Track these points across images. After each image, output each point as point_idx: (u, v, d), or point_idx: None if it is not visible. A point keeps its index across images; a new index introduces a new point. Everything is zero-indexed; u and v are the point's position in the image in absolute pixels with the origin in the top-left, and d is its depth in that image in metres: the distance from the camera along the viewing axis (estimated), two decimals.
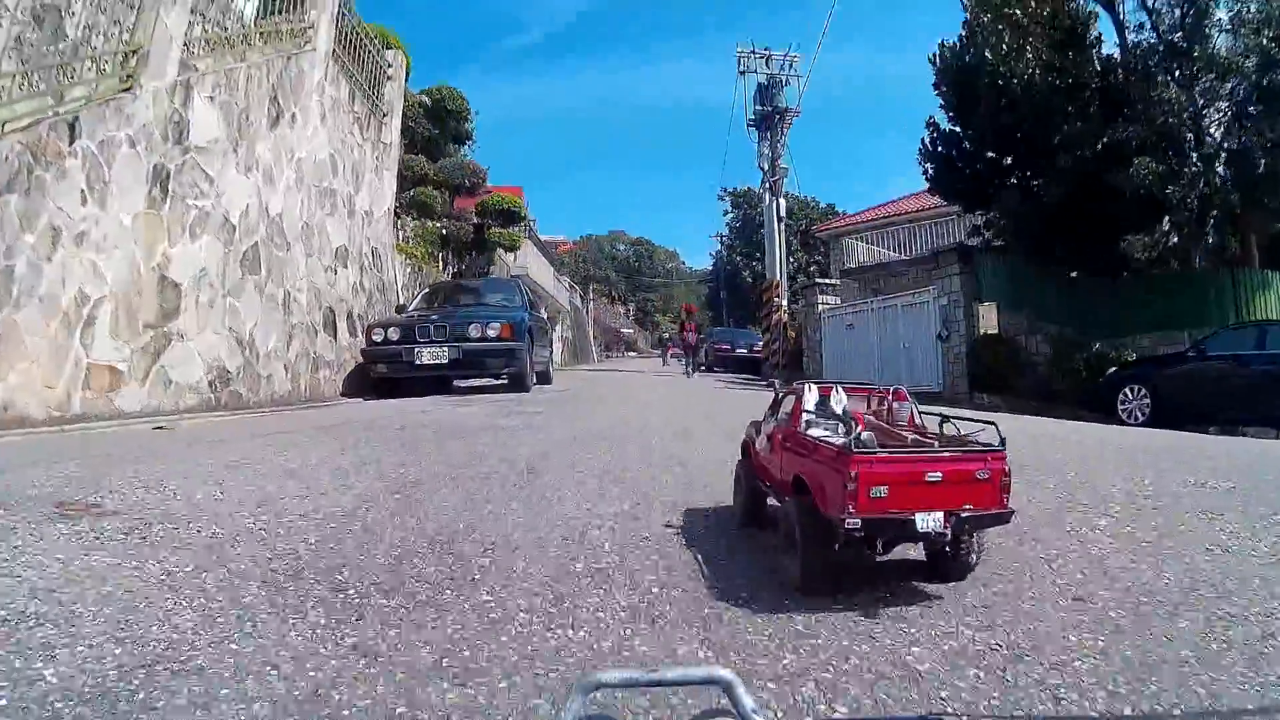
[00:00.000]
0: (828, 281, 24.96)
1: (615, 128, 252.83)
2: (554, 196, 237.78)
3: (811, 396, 3.43)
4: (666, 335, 62.79)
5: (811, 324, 24.36)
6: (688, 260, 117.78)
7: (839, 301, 24.58)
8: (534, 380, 14.33)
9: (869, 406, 3.62)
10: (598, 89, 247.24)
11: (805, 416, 3.31)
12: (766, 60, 27.50)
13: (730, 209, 64.93)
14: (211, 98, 9.21)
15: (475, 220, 25.74)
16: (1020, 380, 17.60)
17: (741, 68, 27.61)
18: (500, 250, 26.76)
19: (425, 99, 23.99)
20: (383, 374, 13.05)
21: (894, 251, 28.68)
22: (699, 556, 3.33)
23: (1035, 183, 18.08)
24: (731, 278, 62.60)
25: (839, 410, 3.36)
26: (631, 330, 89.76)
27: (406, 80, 18.12)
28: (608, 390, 15.45)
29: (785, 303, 26.36)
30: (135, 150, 7.75)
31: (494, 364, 13.39)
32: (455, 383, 15.05)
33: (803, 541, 2.78)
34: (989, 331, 18.07)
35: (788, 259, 27.63)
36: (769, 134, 27.33)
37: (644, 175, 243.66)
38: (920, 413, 3.41)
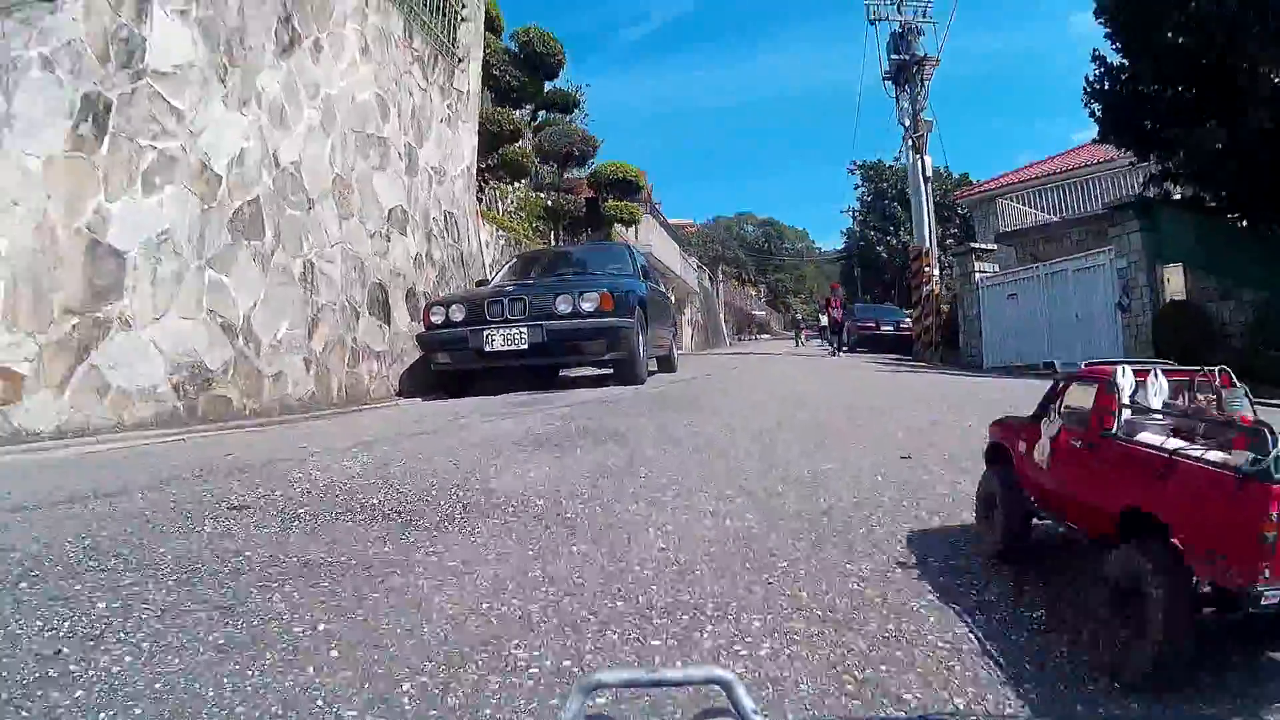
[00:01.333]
0: (985, 247, 22.19)
1: (737, 114, 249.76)
2: (678, 183, 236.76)
3: (1127, 383, 2.28)
4: (800, 316, 60.43)
5: (967, 296, 21.76)
6: (817, 239, 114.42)
7: (996, 269, 21.89)
8: (649, 368, 11.79)
9: (1183, 397, 2.38)
10: (716, 77, 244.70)
11: (1124, 415, 2.20)
12: (899, 5, 24.84)
13: (860, 182, 61.63)
14: (183, 11, 6.93)
15: (588, 194, 23.90)
16: (1212, 355, 14.85)
17: (871, 16, 25.10)
18: (618, 226, 24.92)
19: (512, 44, 22.19)
20: (445, 365, 10.26)
21: (1050, 215, 25.50)
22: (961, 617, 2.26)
23: (1228, 119, 15.01)
24: (865, 253, 59.33)
25: (1155, 403, 2.32)
26: (764, 312, 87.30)
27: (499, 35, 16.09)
28: (751, 377, 13.63)
29: (937, 273, 23.67)
30: (54, 75, 5.68)
31: (592, 348, 10.47)
32: (562, 371, 12.81)
33: (1166, 613, 1.75)
34: (1175, 298, 15.62)
35: (935, 225, 24.81)
36: (907, 86, 24.75)
37: (770, 158, 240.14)
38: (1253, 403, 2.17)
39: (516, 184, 20.80)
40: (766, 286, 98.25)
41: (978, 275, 21.47)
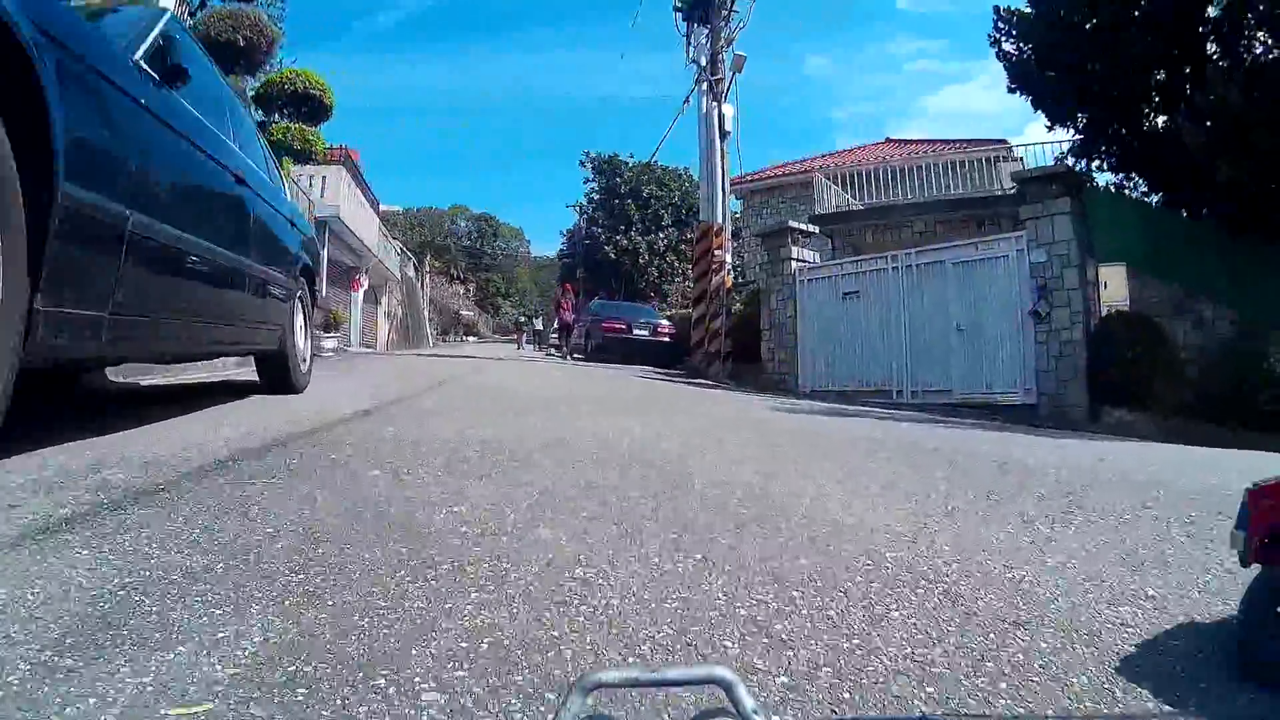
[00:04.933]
0: (804, 228, 16.27)
1: (465, 112, 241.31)
2: (394, 173, 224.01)
3: None
4: (524, 318, 54.19)
5: (777, 292, 15.80)
6: (534, 241, 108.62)
7: (818, 259, 16.03)
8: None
9: None
10: (450, 79, 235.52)
11: None
12: None
13: (592, 176, 55.97)
14: None
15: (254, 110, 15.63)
16: (1168, 387, 10.55)
17: None
18: (290, 164, 16.78)
19: None
20: None
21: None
22: None
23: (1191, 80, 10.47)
24: (591, 253, 53.53)
25: None
26: (473, 313, 79.68)
27: None
28: (485, 403, 6.71)
29: (729, 259, 17.49)
30: None
31: None
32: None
33: None
34: (1116, 308, 11.79)
35: (727, 196, 18.60)
36: (706, 20, 18.52)
37: (493, 157, 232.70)
38: None
39: None
40: (477, 285, 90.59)
41: (794, 265, 15.56)
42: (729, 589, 1.94)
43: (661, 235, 49.38)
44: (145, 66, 3.34)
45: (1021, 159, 19.10)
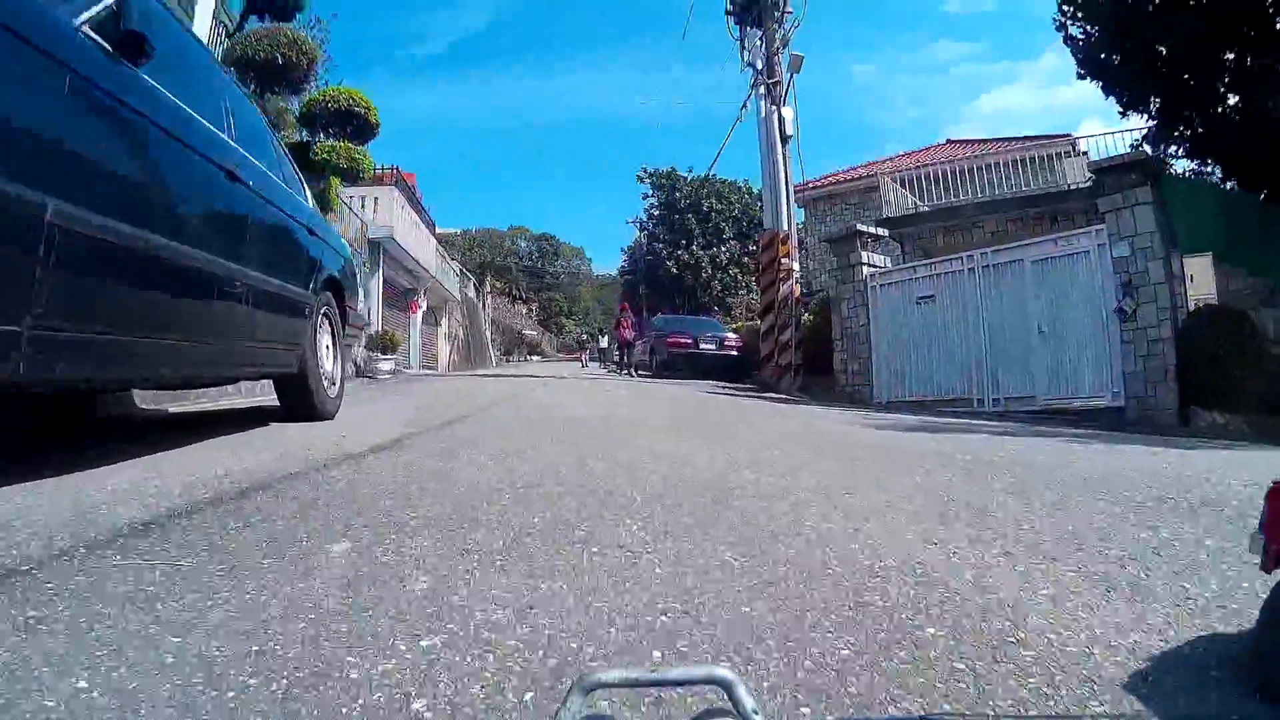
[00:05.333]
0: (874, 231, 15.38)
1: (522, 134, 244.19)
2: (451, 195, 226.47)
3: None
4: (587, 336, 53.95)
5: (848, 300, 14.91)
6: (596, 263, 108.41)
7: (889, 264, 15.22)
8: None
9: None
10: (503, 100, 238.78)
11: None
12: None
13: (650, 192, 55.37)
14: None
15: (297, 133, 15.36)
16: (1262, 385, 9.66)
17: None
18: (338, 183, 16.41)
19: None
20: None
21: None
22: None
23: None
24: (653, 270, 52.88)
25: None
26: (536, 332, 79.54)
27: None
28: (533, 429, 5.93)
29: (797, 267, 16.69)
30: None
31: None
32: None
33: None
34: (1203, 302, 11.17)
35: (792, 202, 17.79)
36: (759, 23, 17.84)
37: (551, 180, 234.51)
38: None
39: None
40: (539, 305, 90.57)
41: (865, 270, 14.70)
42: None
43: (723, 248, 48.60)
44: (93, 34, 2.74)
45: (1085, 153, 18.24)
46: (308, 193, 5.52)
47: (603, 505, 2.76)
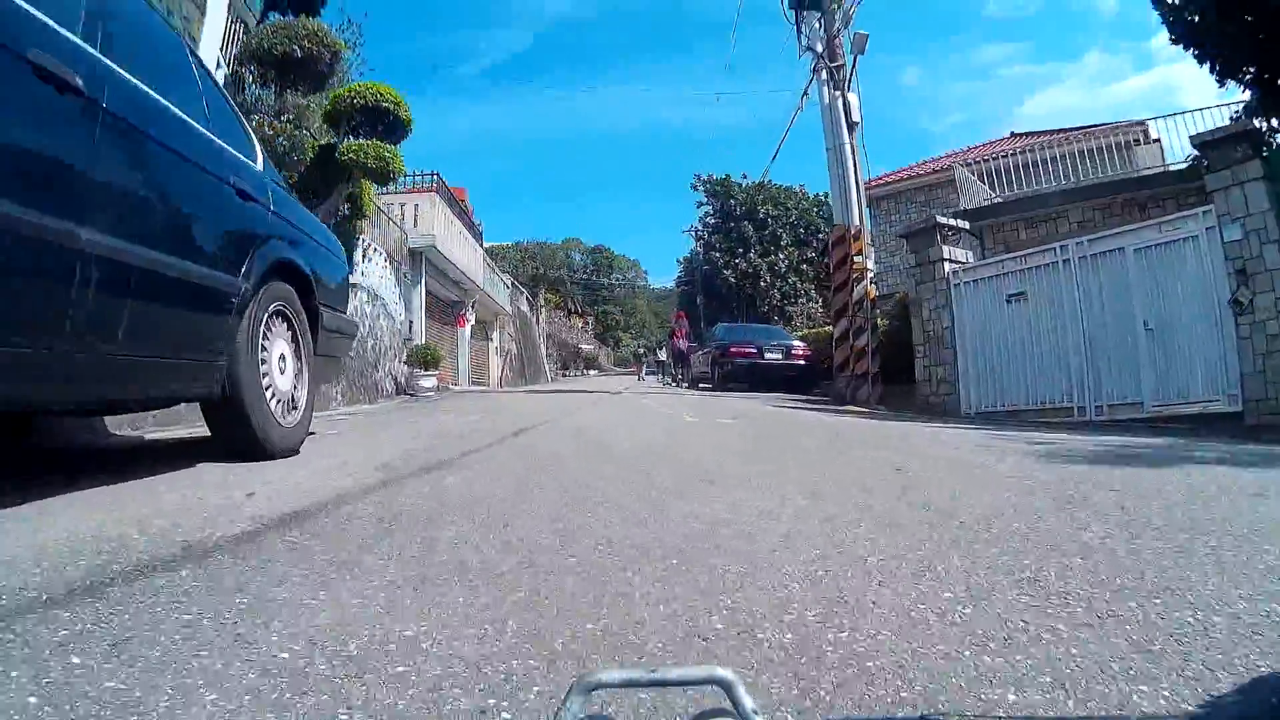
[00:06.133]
0: (955, 223, 13.81)
1: (573, 147, 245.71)
2: (501, 208, 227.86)
3: None
4: (644, 349, 53.22)
5: (929, 300, 13.36)
6: (651, 276, 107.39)
7: (971, 259, 13.67)
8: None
9: None
10: (554, 111, 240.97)
11: None
12: None
13: (705, 199, 54.04)
14: None
15: (320, 138, 14.27)
16: None
17: None
18: (371, 188, 15.28)
19: None
20: None
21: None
22: None
23: None
24: (710, 280, 51.46)
25: None
26: (592, 346, 78.48)
27: None
28: (556, 473, 4.73)
29: (872, 265, 15.16)
30: None
31: None
32: None
33: None
34: None
35: (862, 194, 16.20)
36: (816, 5, 16.41)
37: (602, 199, 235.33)
38: None
39: None
40: (595, 319, 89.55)
41: (948, 267, 13.14)
42: None
43: (781, 255, 47.12)
44: None
45: (1158, 140, 16.61)
46: (259, 154, 4.21)
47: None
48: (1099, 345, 10.90)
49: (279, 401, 4.05)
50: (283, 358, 4.15)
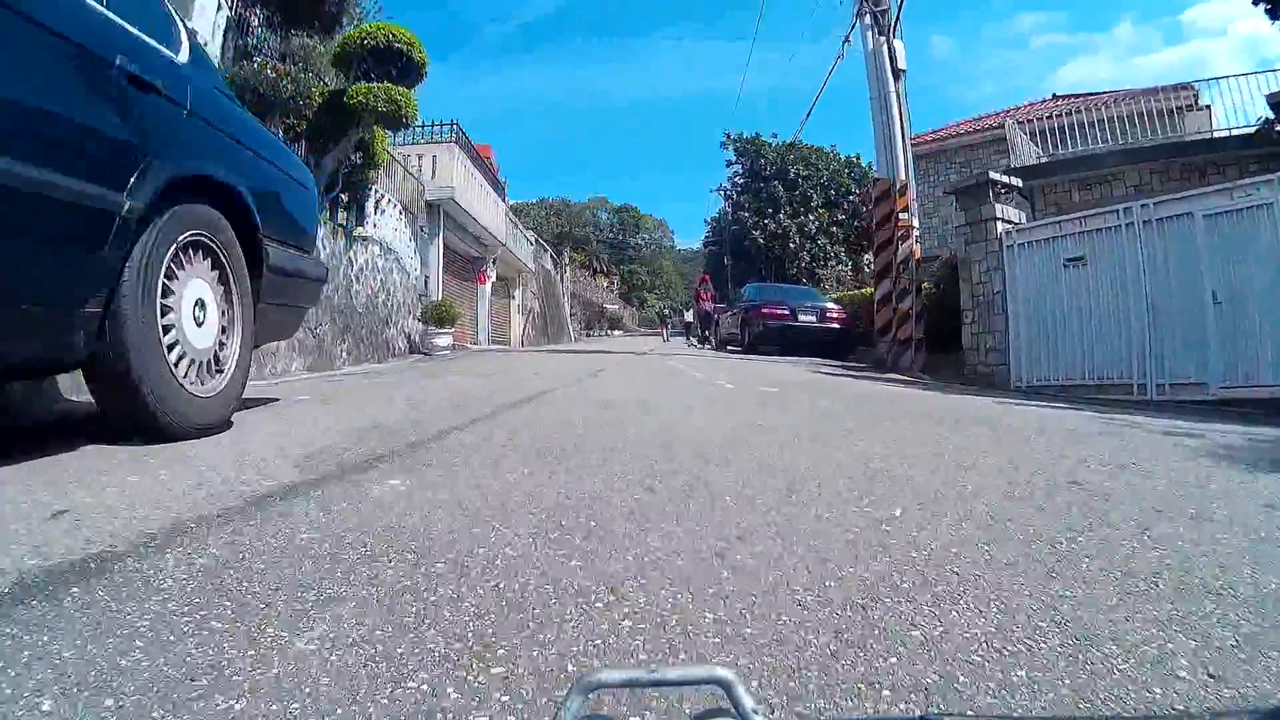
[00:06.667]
0: (1008, 180, 12.71)
1: (603, 113, 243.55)
2: (528, 172, 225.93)
3: None
4: (669, 310, 52.73)
5: (979, 263, 12.32)
6: (678, 237, 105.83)
7: (1024, 219, 12.62)
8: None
9: None
10: (584, 76, 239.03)
11: None
12: None
13: (734, 158, 52.55)
14: None
15: (331, 84, 13.40)
16: None
17: None
18: (384, 135, 14.36)
19: None
20: None
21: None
22: None
23: None
24: (738, 240, 50.21)
25: None
26: (617, 305, 77.45)
27: None
28: (551, 465, 3.76)
29: (917, 224, 14.13)
30: None
31: None
32: None
33: None
34: None
35: (908, 146, 15.09)
36: None
37: (630, 164, 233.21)
38: None
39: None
40: (620, 279, 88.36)
41: (1000, 227, 12.09)
42: None
43: (811, 217, 45.61)
44: None
45: (1209, 106, 15.52)
46: (183, 43, 3.29)
47: None
48: (1163, 317, 9.88)
49: (192, 363, 3.16)
50: (200, 304, 3.24)
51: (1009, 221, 12.27)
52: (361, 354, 13.19)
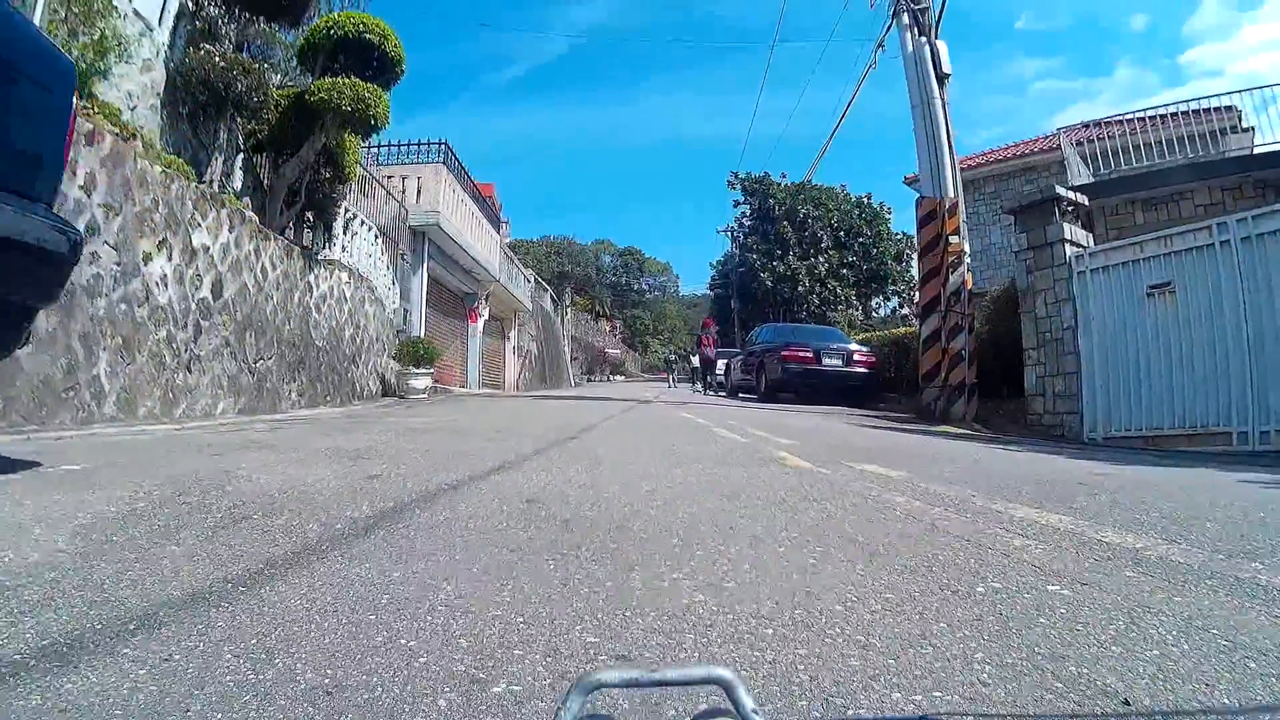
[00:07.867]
0: (1076, 198, 10.87)
1: (604, 161, 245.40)
2: (534, 218, 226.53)
3: None
4: (674, 355, 51.11)
5: (1046, 292, 10.45)
6: (683, 282, 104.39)
7: (1092, 242, 10.78)
8: None
9: None
10: (584, 124, 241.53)
11: None
12: None
13: (741, 198, 51.00)
14: None
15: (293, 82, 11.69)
16: None
17: None
18: (354, 141, 12.53)
19: None
20: None
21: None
22: None
23: None
24: (745, 283, 48.45)
25: None
26: (619, 351, 75.65)
27: None
28: None
29: (968, 249, 12.24)
30: None
31: None
32: None
33: None
34: None
35: (955, 161, 13.21)
36: None
37: (635, 207, 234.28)
38: None
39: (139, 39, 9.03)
40: (623, 323, 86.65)
41: (1069, 250, 10.23)
42: None
43: (821, 259, 43.96)
44: None
45: (1252, 129, 13.88)
46: None
47: None
48: (1268, 352, 8.12)
49: None
50: None
51: (1078, 244, 10.43)
52: (318, 395, 11.24)
